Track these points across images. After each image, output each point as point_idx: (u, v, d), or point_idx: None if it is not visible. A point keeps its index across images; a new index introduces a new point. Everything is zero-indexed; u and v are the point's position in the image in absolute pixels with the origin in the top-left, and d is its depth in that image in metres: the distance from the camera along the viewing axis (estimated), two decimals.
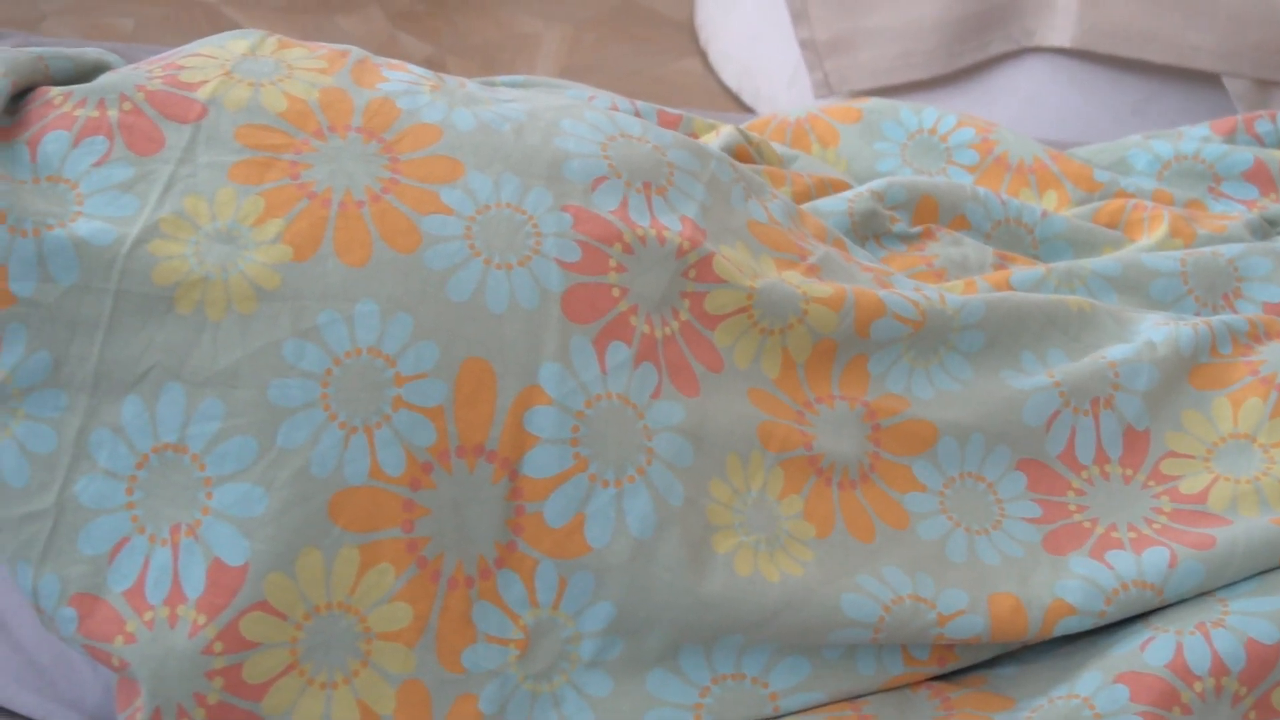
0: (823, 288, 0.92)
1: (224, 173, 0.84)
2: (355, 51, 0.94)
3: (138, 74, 0.89)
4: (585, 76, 1.84)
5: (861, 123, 1.25)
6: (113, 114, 0.86)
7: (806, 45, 1.63)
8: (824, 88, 1.64)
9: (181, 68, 0.89)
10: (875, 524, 0.89)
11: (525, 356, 0.83)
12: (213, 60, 0.90)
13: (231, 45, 0.92)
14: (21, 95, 0.88)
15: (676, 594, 0.83)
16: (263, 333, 0.81)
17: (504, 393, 0.82)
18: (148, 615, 0.79)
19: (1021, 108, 1.57)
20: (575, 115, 0.93)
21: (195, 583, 0.79)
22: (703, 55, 1.90)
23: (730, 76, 1.84)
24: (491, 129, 0.89)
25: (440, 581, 0.81)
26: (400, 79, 0.92)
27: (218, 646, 0.78)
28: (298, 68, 0.90)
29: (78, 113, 0.86)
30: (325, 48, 0.94)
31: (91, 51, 0.94)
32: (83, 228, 0.81)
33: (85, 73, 0.94)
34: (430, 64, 1.83)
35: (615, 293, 0.86)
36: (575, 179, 0.88)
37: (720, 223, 0.93)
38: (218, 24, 1.92)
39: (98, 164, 0.84)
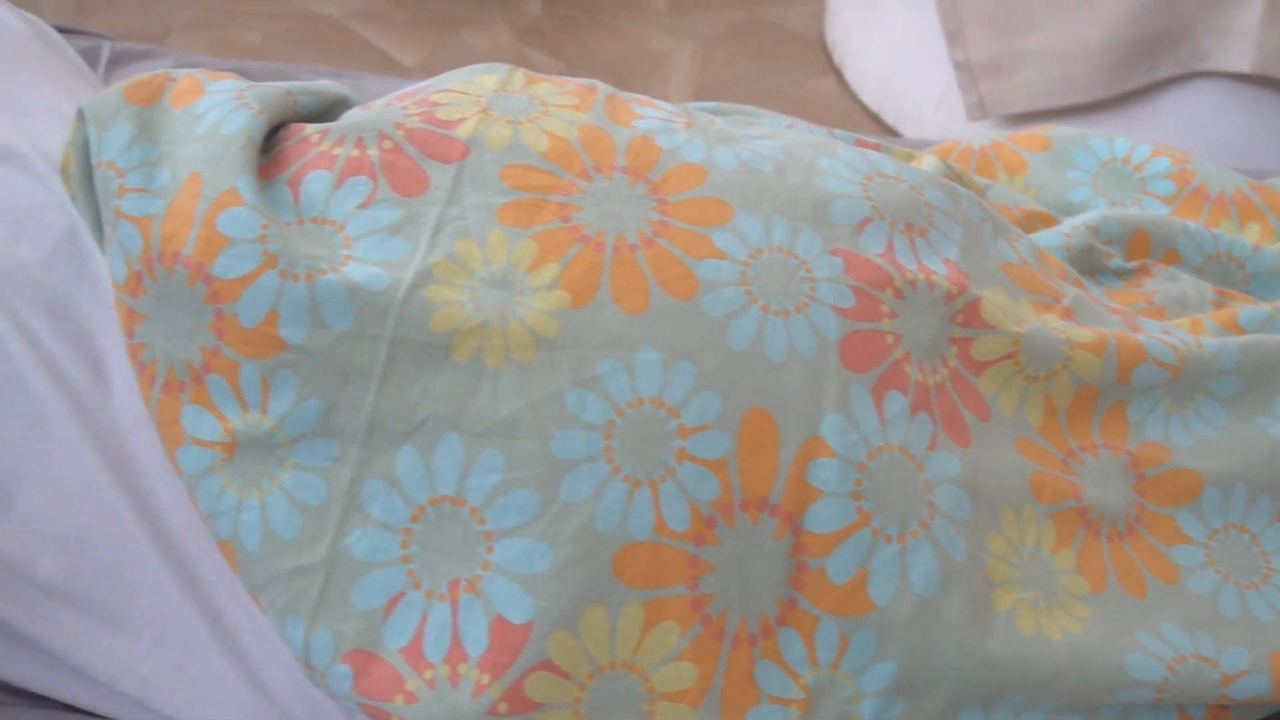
0: (1085, 333, 0.89)
1: (493, 215, 0.82)
2: (602, 86, 0.92)
3: (393, 111, 0.86)
4: (720, 95, 1.82)
5: (1051, 151, 1.22)
6: (373, 153, 0.84)
7: (961, 67, 1.60)
8: (978, 110, 1.61)
9: (436, 104, 0.87)
10: (1146, 578, 0.86)
11: (806, 407, 0.80)
12: (466, 96, 0.88)
13: (481, 80, 0.90)
14: (272, 131, 0.86)
15: (961, 654, 0.80)
16: (543, 382, 0.78)
17: (786, 444, 0.79)
18: (428, 674, 0.77)
19: (1185, 133, 1.54)
20: (830, 153, 0.91)
21: (477, 640, 0.77)
22: (837, 73, 1.87)
23: (870, 96, 1.81)
24: (754, 169, 0.87)
25: (724, 640, 0.79)
26: (653, 115, 0.89)
27: (502, 707, 0.76)
28: (552, 104, 0.88)
29: (337, 151, 0.84)
30: (572, 82, 0.92)
31: (333, 86, 0.92)
32: (355, 272, 0.79)
33: (328, 107, 0.92)
34: None
35: (889, 339, 0.83)
36: (841, 221, 0.86)
37: (978, 265, 0.90)
38: (344, 39, 1.90)
39: (363, 205, 0.82)
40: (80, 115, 0.87)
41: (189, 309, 0.80)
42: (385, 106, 0.88)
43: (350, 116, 0.86)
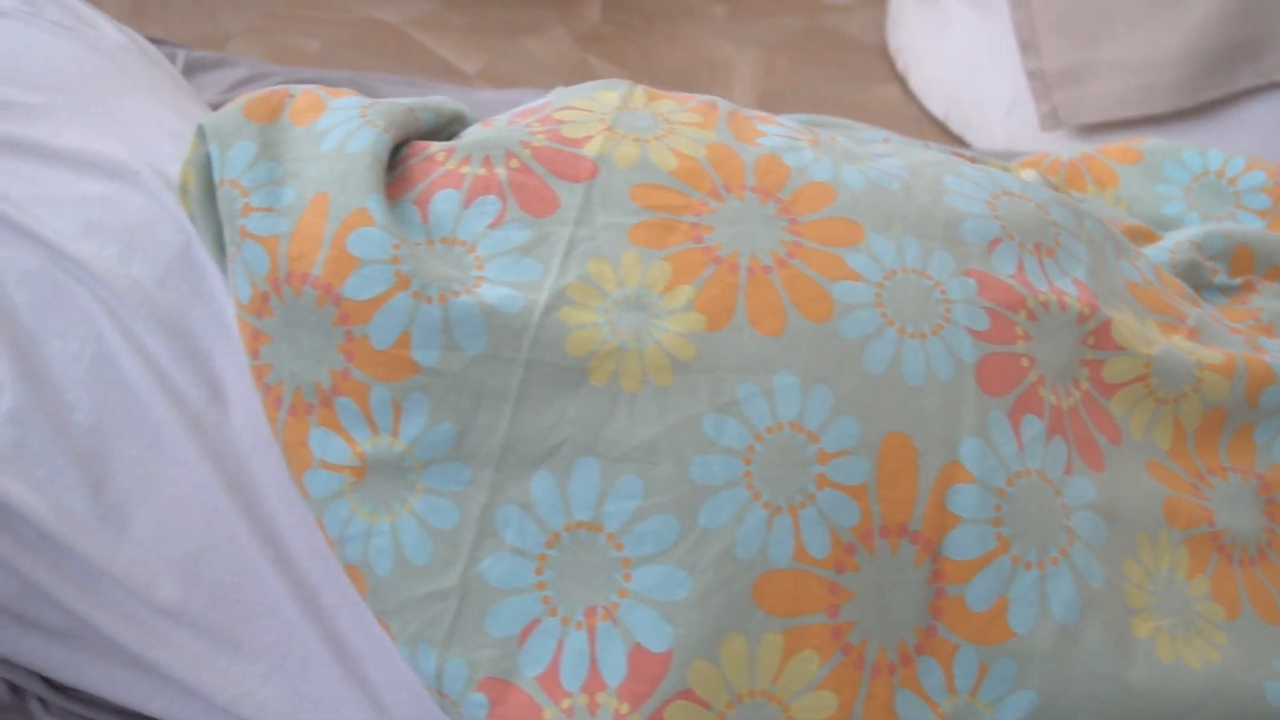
0: (1213, 354, 0.88)
1: (624, 235, 0.81)
2: (722, 103, 0.91)
3: (518, 129, 0.85)
4: (783, 102, 1.80)
5: (1142, 164, 1.21)
6: (501, 172, 0.82)
7: (1035, 76, 1.59)
8: (1051, 120, 1.60)
9: (561, 122, 0.86)
10: (1279, 604, 0.85)
11: (945, 431, 0.79)
12: (590, 114, 0.86)
13: (602, 96, 0.89)
14: (394, 149, 0.85)
15: (1102, 682, 0.79)
16: (681, 406, 0.77)
17: (925, 470, 0.78)
18: (565, 703, 0.76)
19: (1264, 145, 1.53)
20: (954, 171, 0.89)
21: (616, 669, 0.75)
22: (901, 81, 1.86)
23: (936, 104, 1.79)
24: (882, 188, 0.85)
25: (864, 669, 0.77)
26: (777, 132, 0.88)
27: None
28: (676, 122, 0.87)
29: (464, 170, 0.83)
30: (693, 99, 0.91)
31: (449, 102, 0.91)
32: (488, 294, 0.78)
33: (446, 123, 0.91)
34: None
35: (1024, 362, 0.82)
36: (972, 241, 0.85)
37: (1105, 285, 0.89)
38: (403, 45, 1.89)
39: (493, 225, 0.81)
40: (200, 132, 0.86)
41: (317, 330, 0.79)
42: (509, 124, 0.86)
43: (474, 134, 0.85)
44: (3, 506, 0.84)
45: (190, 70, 1.42)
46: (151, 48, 1.09)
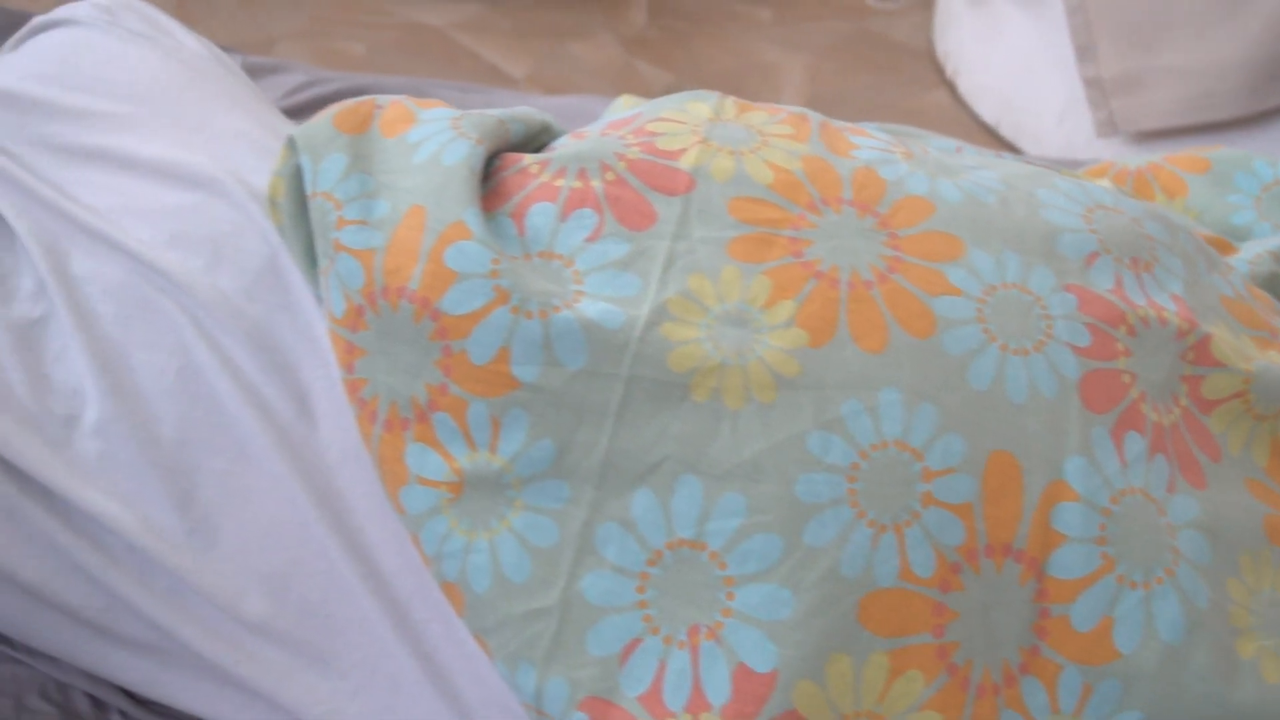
0: None
1: (723, 249, 0.80)
2: (812, 114, 0.90)
3: (611, 141, 0.84)
4: (833, 107, 1.79)
5: (1211, 173, 1.20)
6: (597, 185, 0.82)
7: (1092, 83, 1.58)
8: (1108, 126, 1.59)
9: (654, 134, 0.85)
10: None
11: (1049, 449, 0.78)
12: (683, 125, 0.86)
13: (693, 108, 0.88)
14: (488, 161, 0.84)
15: (1208, 704, 0.77)
16: (785, 424, 0.76)
17: (1030, 488, 0.77)
18: None
19: None
20: (1047, 184, 0.88)
21: (719, 689, 0.74)
22: (950, 86, 1.85)
23: (986, 110, 1.78)
24: (979, 202, 0.84)
25: (969, 690, 0.76)
26: (870, 145, 0.87)
27: None
28: (769, 134, 0.86)
29: (559, 183, 0.82)
30: (783, 110, 0.90)
31: (535, 112, 0.90)
32: (589, 309, 0.77)
33: (534, 134, 0.90)
34: (672, 93, 1.79)
35: (1125, 379, 0.81)
36: (1070, 255, 0.84)
37: (1201, 300, 0.88)
38: (450, 49, 1.88)
39: (590, 239, 0.80)
40: (291, 144, 0.85)
41: (414, 345, 0.78)
42: (601, 136, 0.86)
43: (568, 147, 0.84)
44: (90, 519, 0.83)
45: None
46: (226, 56, 1.08)
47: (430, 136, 0.83)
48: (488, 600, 0.77)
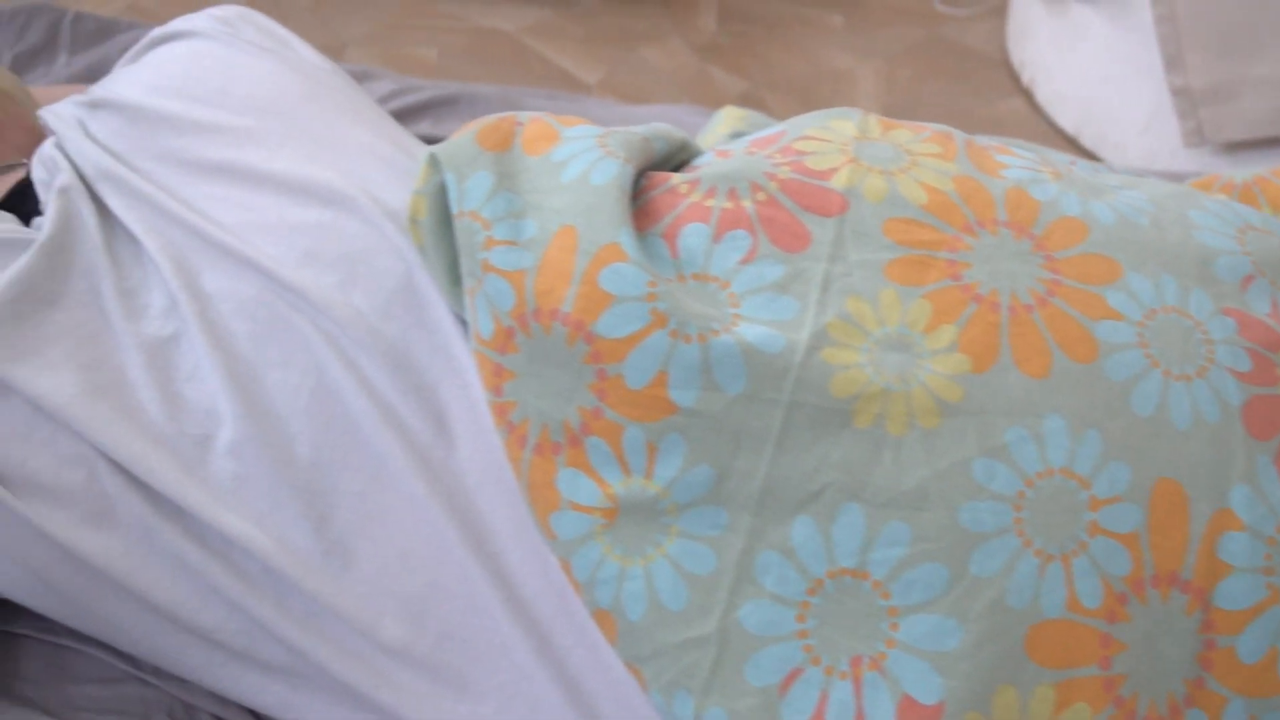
0: None
1: (880, 272, 0.79)
2: (956, 132, 0.89)
3: (759, 160, 0.83)
4: (908, 115, 1.78)
5: None
6: (748, 205, 0.80)
7: (1179, 92, 1.56)
8: (1195, 137, 1.57)
9: (802, 153, 0.83)
10: None
11: (1214, 477, 0.76)
12: (830, 144, 0.84)
13: (838, 125, 0.86)
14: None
15: None
16: (949, 451, 0.75)
17: (1196, 517, 0.76)
18: None
19: None
20: (1197, 204, 0.87)
21: None
22: (1027, 94, 1.83)
23: (1066, 119, 1.77)
24: (1132, 223, 0.83)
25: None
26: (1018, 164, 0.86)
27: None
28: (917, 153, 0.85)
29: (710, 203, 0.80)
30: (927, 128, 0.88)
31: (676, 130, 0.89)
32: (748, 332, 0.76)
33: (674, 152, 0.88)
34: (747, 100, 1.77)
35: None
36: (1226, 278, 0.82)
37: None
38: (521, 54, 1.87)
39: (745, 261, 0.79)
40: (433, 161, 0.84)
41: (567, 368, 0.77)
42: (748, 154, 0.84)
43: (716, 165, 0.83)
44: (225, 541, 0.82)
45: None
46: (341, 69, 1.07)
47: (577, 155, 0.82)
48: (643, 628, 0.76)
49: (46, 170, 0.93)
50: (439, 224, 0.84)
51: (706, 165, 0.84)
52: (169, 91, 0.95)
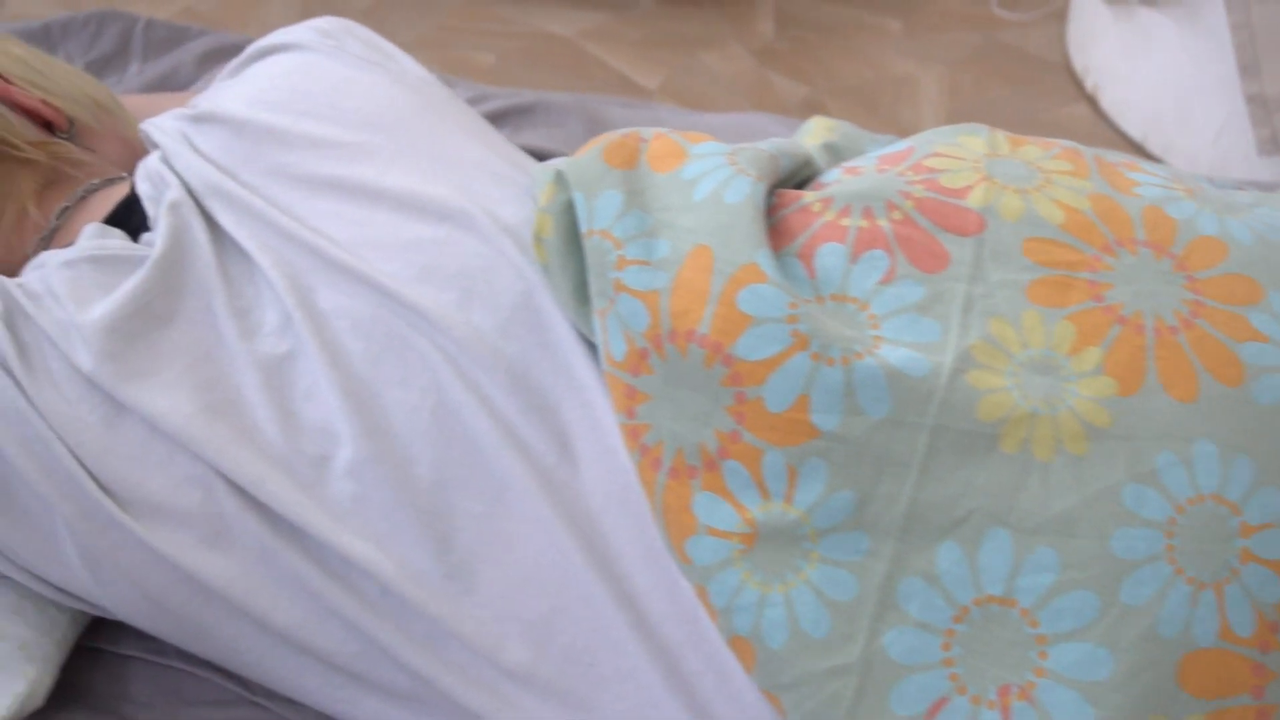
0: None
1: (1022, 293, 0.77)
2: (1083, 149, 0.87)
3: (891, 178, 0.82)
4: (972, 121, 1.76)
5: None
6: (884, 224, 0.79)
7: (1255, 100, 1.54)
8: (1270, 145, 1.55)
9: (935, 170, 0.82)
10: None
11: None
12: (962, 161, 0.83)
13: (967, 142, 0.85)
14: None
15: None
16: (1099, 476, 0.73)
17: None
18: None
19: None
20: None
21: None
22: (1091, 101, 1.82)
23: (1133, 126, 1.75)
24: (1270, 242, 0.82)
25: None
26: (1151, 181, 0.84)
27: None
28: (1050, 170, 0.83)
29: (845, 222, 0.79)
30: (1056, 144, 0.87)
31: (799, 146, 0.87)
32: (891, 355, 0.74)
33: (798, 168, 0.87)
34: (809, 106, 1.76)
35: None
36: None
37: None
38: (579, 59, 1.85)
39: (883, 282, 0.77)
40: (559, 179, 0.83)
41: (703, 390, 0.76)
42: (878, 172, 0.83)
43: (848, 184, 0.82)
44: (345, 563, 0.81)
45: None
46: (440, 81, 1.05)
47: (707, 173, 0.81)
48: (784, 656, 0.75)
49: (153, 185, 0.92)
50: (565, 242, 0.82)
51: (836, 183, 0.83)
52: (276, 105, 0.93)
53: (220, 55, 1.37)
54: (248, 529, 0.81)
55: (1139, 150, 1.75)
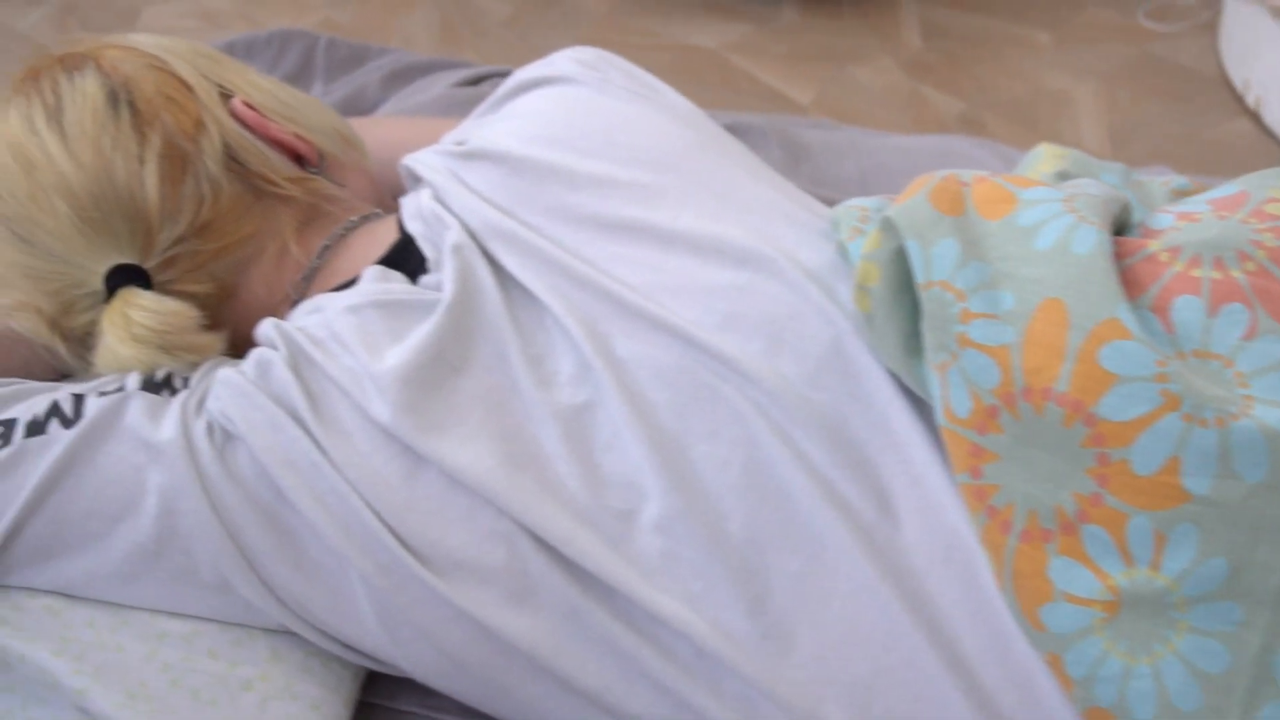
0: None
1: None
2: None
3: (1236, 226, 0.78)
4: (1131, 138, 1.73)
5: None
6: (1238, 275, 0.75)
7: None
8: None
9: (1278, 217, 0.79)
10: None
11: None
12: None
13: None
14: None
15: None
16: None
17: None
18: None
19: None
20: None
21: None
22: (1253, 116, 1.78)
23: None
24: None
25: None
26: None
27: None
28: None
29: (1195, 273, 0.76)
30: None
31: (1120, 190, 0.84)
32: (1268, 416, 0.71)
33: (1120, 214, 0.84)
34: (966, 123, 1.72)
35: None
36: None
37: None
38: (726, 72, 1.82)
39: (1246, 338, 0.74)
40: (888, 226, 0.79)
41: (1060, 451, 0.73)
42: (1220, 219, 0.79)
43: (1194, 231, 0.78)
44: (656, 622, 0.78)
45: None
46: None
47: (1046, 220, 0.77)
48: None
49: (428, 225, 0.89)
50: (894, 292, 0.79)
51: (1174, 229, 0.79)
52: (550, 142, 0.90)
53: (405, 76, 1.34)
54: (555, 587, 0.78)
55: None
